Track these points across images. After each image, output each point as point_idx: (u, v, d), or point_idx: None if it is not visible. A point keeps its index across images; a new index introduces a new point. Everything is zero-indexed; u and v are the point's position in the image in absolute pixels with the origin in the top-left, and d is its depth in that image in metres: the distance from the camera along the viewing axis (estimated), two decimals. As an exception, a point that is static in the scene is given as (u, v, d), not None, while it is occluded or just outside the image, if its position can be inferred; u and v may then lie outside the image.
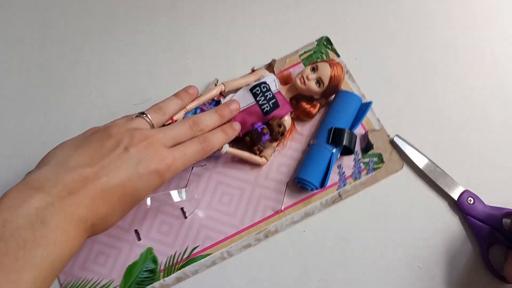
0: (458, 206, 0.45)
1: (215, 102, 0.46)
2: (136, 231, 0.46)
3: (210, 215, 0.46)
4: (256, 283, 0.44)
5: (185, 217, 0.46)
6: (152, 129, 0.39)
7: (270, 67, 0.51)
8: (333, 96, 0.48)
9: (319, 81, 0.45)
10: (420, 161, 0.46)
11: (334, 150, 0.44)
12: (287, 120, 0.46)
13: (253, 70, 0.50)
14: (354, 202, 0.46)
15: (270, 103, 0.45)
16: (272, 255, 0.45)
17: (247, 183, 0.47)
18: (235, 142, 0.45)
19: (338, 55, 0.52)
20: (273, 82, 0.46)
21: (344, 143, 0.44)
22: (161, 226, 0.46)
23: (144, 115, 0.40)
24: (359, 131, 0.48)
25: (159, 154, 0.36)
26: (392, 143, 0.48)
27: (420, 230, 0.45)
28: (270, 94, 0.45)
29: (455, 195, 0.45)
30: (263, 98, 0.45)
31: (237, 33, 0.54)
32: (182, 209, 0.46)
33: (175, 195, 0.43)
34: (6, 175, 0.48)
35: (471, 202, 0.44)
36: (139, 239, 0.46)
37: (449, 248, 0.44)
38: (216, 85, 0.48)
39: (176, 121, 0.42)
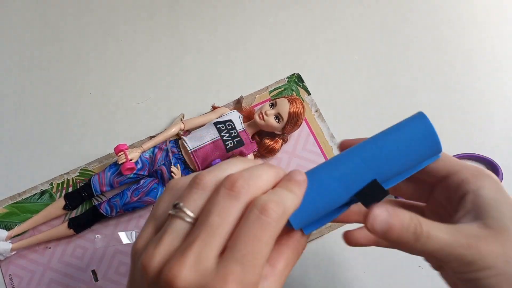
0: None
1: (174, 141, 0.46)
2: (93, 271, 0.44)
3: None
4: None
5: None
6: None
7: (238, 103, 0.50)
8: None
9: (278, 117, 0.45)
10: None
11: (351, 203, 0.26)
12: (250, 157, 0.45)
13: (214, 108, 0.49)
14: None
15: (235, 140, 0.44)
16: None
17: None
18: None
19: (309, 93, 0.51)
20: (238, 119, 0.46)
21: (366, 203, 0.24)
22: (119, 267, 0.44)
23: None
24: None
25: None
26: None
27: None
28: (235, 132, 0.45)
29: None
30: (227, 134, 0.44)
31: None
32: None
33: (123, 236, 0.43)
34: (6, 175, 0.48)
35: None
36: (96, 280, 0.44)
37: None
38: (182, 120, 0.48)
39: (131, 160, 0.41)
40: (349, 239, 0.31)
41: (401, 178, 0.25)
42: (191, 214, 0.21)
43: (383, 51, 0.53)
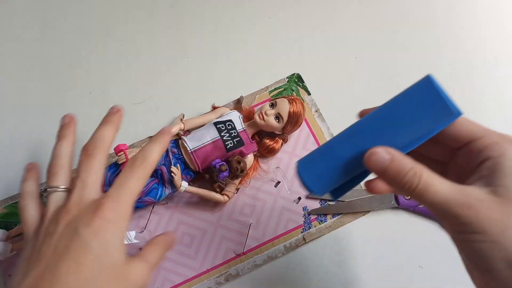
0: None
1: (174, 141, 0.46)
2: None
3: (169, 256, 0.44)
4: (256, 284, 0.43)
5: None
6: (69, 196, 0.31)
7: (238, 103, 0.50)
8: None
9: (278, 117, 0.45)
10: None
11: None
12: (249, 157, 0.45)
13: (213, 108, 0.49)
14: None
15: (235, 140, 0.44)
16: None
17: (210, 223, 0.45)
18: (197, 179, 0.45)
19: (309, 93, 0.51)
20: (238, 119, 0.46)
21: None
22: None
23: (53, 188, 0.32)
24: None
25: (90, 210, 0.29)
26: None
27: (420, 230, 0.45)
28: (235, 132, 0.45)
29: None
30: (227, 134, 0.44)
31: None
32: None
33: None
34: (6, 174, 0.48)
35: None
36: None
37: (450, 247, 0.44)
38: (181, 120, 0.48)
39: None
40: (370, 187, 0.32)
41: (417, 143, 0.26)
42: (62, 186, 0.31)
43: (383, 51, 0.53)
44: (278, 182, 0.47)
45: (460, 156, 0.28)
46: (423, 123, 0.25)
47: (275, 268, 0.44)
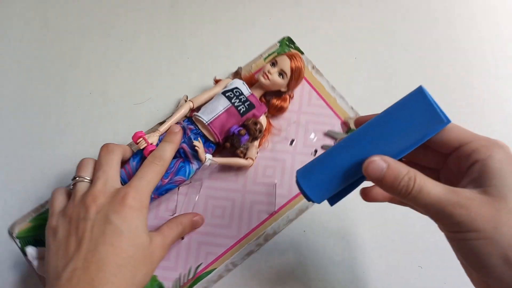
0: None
1: (188, 119, 0.46)
2: None
3: (206, 230, 0.45)
4: (256, 284, 0.44)
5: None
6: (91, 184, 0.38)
7: (237, 75, 0.51)
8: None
9: (281, 73, 0.46)
10: None
11: None
12: (262, 119, 0.47)
13: (216, 81, 0.49)
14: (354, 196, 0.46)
15: (246, 104, 0.45)
16: (272, 256, 0.45)
17: (236, 192, 0.47)
18: (217, 151, 0.46)
19: (302, 53, 0.53)
20: (243, 85, 0.47)
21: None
22: None
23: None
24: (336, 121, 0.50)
25: (118, 197, 0.36)
26: None
27: (420, 230, 0.45)
28: (243, 97, 0.46)
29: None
30: (237, 100, 0.45)
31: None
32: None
33: None
34: (6, 174, 0.48)
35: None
36: None
37: (450, 247, 0.44)
38: (186, 101, 0.48)
39: (151, 144, 0.42)
40: (366, 195, 0.35)
41: (410, 149, 0.28)
42: (88, 178, 0.38)
43: (383, 51, 0.53)
44: (293, 140, 0.49)
45: (451, 161, 0.29)
46: (415, 131, 0.27)
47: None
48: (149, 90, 0.52)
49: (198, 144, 0.43)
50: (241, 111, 0.45)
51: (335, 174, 0.29)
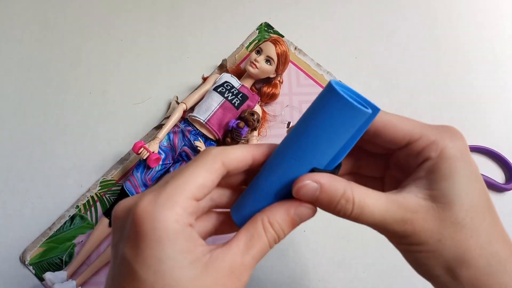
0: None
1: (184, 121, 0.46)
2: None
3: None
4: (256, 284, 0.44)
5: None
6: None
7: (223, 68, 0.51)
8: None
9: (268, 60, 0.46)
10: None
11: None
12: (257, 108, 0.47)
13: (204, 79, 0.49)
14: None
15: (239, 97, 0.46)
16: (272, 256, 0.45)
17: None
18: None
19: (282, 36, 0.53)
20: (232, 78, 0.47)
21: None
22: None
23: None
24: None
25: None
26: None
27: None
28: (235, 90, 0.46)
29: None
30: (230, 94, 0.46)
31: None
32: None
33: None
34: (6, 174, 0.48)
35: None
36: None
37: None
38: (177, 102, 0.48)
39: (153, 152, 0.42)
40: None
41: (344, 152, 0.24)
42: None
43: (383, 51, 0.53)
44: (289, 123, 0.49)
45: (400, 157, 0.26)
46: (342, 131, 0.23)
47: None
48: (149, 90, 0.52)
49: (200, 144, 0.43)
50: (236, 104, 0.45)
51: (269, 203, 0.25)
